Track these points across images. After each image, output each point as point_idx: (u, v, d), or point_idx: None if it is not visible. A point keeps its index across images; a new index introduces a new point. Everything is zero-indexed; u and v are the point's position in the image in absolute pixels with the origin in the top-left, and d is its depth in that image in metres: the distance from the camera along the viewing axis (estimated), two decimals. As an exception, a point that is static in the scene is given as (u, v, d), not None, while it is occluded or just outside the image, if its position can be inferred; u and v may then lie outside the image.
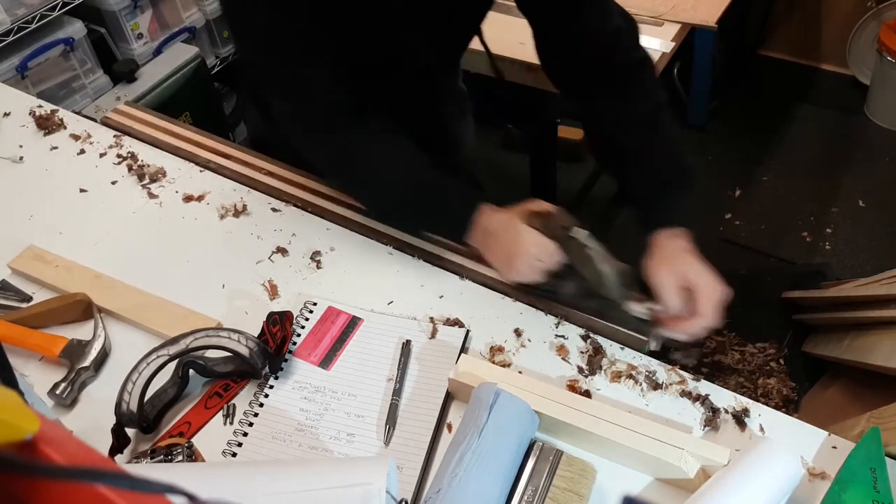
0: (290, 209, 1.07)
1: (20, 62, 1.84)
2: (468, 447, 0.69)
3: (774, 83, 2.75)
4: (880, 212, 2.19)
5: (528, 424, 0.73)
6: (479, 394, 0.74)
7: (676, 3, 1.52)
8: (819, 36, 2.70)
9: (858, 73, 2.63)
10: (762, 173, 2.37)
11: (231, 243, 1.02)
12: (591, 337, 0.87)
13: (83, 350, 0.86)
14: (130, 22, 2.06)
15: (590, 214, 2.27)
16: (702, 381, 0.82)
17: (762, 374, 1.72)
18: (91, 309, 0.92)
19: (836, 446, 0.75)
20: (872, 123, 2.50)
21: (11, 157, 1.19)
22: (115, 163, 1.16)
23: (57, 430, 0.35)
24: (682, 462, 0.70)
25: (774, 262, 2.09)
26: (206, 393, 0.84)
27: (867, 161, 2.37)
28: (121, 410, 0.76)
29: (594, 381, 0.82)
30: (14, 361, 0.81)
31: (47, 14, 1.84)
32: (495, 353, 0.85)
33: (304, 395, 0.82)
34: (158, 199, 1.10)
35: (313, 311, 0.91)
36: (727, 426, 0.77)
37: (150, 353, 0.80)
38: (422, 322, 0.89)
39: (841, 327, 1.63)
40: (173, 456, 0.72)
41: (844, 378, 1.56)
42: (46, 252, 1.00)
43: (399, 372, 0.83)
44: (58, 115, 1.26)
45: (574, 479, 0.71)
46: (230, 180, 1.12)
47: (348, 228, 1.03)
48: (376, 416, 0.80)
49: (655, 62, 1.36)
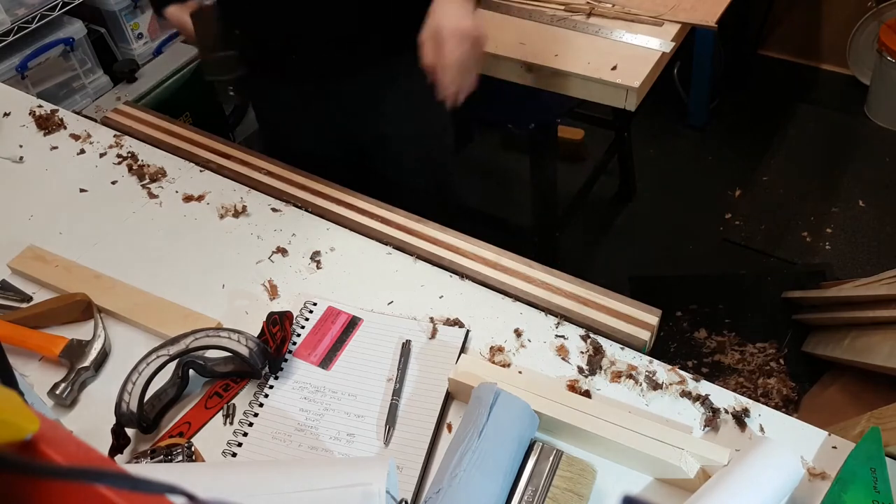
0: (290, 209, 1.07)
1: (20, 62, 1.84)
2: (468, 447, 0.69)
3: (774, 83, 2.75)
4: (880, 212, 2.19)
5: (528, 424, 0.73)
6: (479, 394, 0.74)
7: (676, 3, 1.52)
8: (819, 36, 2.70)
9: (858, 73, 2.63)
10: (762, 173, 2.37)
11: (231, 243, 1.02)
12: (591, 337, 0.87)
13: (83, 350, 0.86)
14: (130, 22, 2.06)
15: (590, 214, 2.28)
16: (702, 381, 0.82)
17: (762, 374, 1.72)
18: (91, 309, 0.92)
19: (836, 446, 0.75)
20: (872, 123, 2.50)
21: (11, 157, 1.19)
22: (115, 163, 1.16)
23: (57, 430, 0.35)
24: (682, 462, 0.70)
25: (774, 262, 2.09)
26: (206, 393, 0.84)
27: (867, 161, 2.37)
28: (121, 410, 0.76)
29: (594, 381, 0.82)
30: (14, 361, 0.81)
31: (47, 14, 1.84)
32: (495, 353, 0.85)
33: (304, 395, 0.82)
34: (158, 199, 1.10)
35: (313, 311, 0.91)
36: (727, 426, 0.77)
37: (150, 353, 0.79)
38: (422, 322, 0.89)
39: (841, 327, 1.63)
40: (173, 456, 0.72)
41: (844, 378, 1.56)
42: (46, 252, 1.00)
43: (399, 372, 0.83)
44: (58, 115, 1.26)
45: (574, 479, 0.71)
46: (230, 180, 1.12)
47: (348, 228, 1.03)
48: (376, 417, 0.80)
49: (655, 62, 1.37)
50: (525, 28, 1.50)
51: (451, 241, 1.00)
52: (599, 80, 1.35)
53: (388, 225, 1.03)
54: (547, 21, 1.51)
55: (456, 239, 1.00)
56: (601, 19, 1.50)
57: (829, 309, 1.72)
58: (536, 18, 1.51)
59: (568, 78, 1.40)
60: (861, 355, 1.47)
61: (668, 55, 1.41)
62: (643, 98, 1.38)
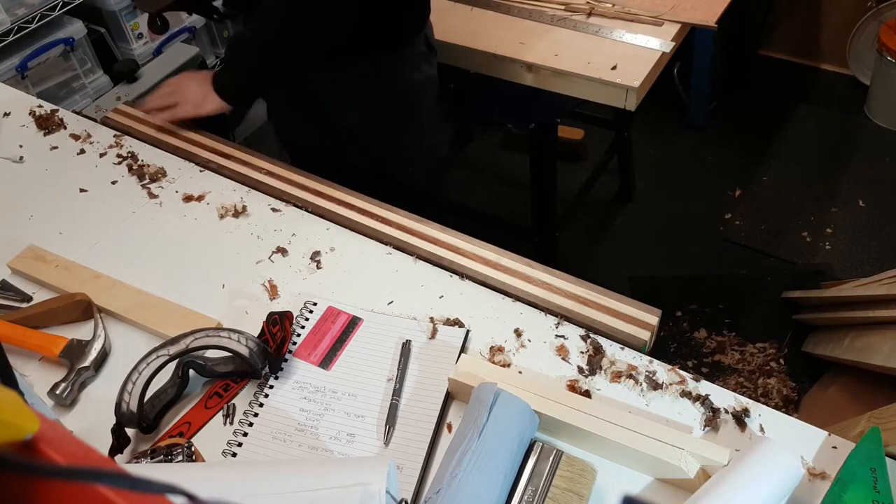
0: (290, 209, 1.07)
1: (20, 62, 1.84)
2: (468, 447, 0.69)
3: (774, 83, 2.75)
4: (880, 212, 2.19)
5: (528, 424, 0.73)
6: (479, 394, 0.74)
7: (676, 3, 1.52)
8: (819, 36, 2.70)
9: (858, 73, 2.63)
10: (762, 173, 2.37)
11: (231, 243, 1.02)
12: (591, 337, 0.87)
13: (83, 350, 0.86)
14: (130, 22, 2.06)
15: (590, 214, 2.28)
16: (702, 381, 0.82)
17: (762, 374, 1.72)
18: (91, 309, 0.92)
19: (836, 446, 0.75)
20: (872, 123, 2.50)
21: (11, 157, 1.19)
22: (115, 163, 1.16)
23: (57, 430, 0.35)
24: (682, 462, 0.70)
25: (774, 262, 2.09)
26: (206, 393, 0.84)
27: (867, 161, 2.37)
28: (121, 410, 0.76)
29: (594, 381, 0.82)
30: (14, 361, 0.81)
31: (47, 14, 1.84)
32: (495, 353, 0.85)
33: (304, 395, 0.82)
34: (158, 199, 1.10)
35: (313, 311, 0.91)
36: (727, 426, 0.77)
37: (150, 353, 0.79)
38: (422, 322, 0.89)
39: (841, 327, 1.63)
40: (173, 456, 0.72)
41: (844, 378, 1.56)
42: (46, 252, 1.00)
43: (399, 372, 0.83)
44: (58, 115, 1.26)
45: (574, 479, 0.71)
46: (230, 180, 1.12)
47: (348, 228, 1.03)
48: (376, 417, 0.80)
49: (655, 62, 1.37)
50: (525, 28, 1.50)
51: (451, 241, 1.00)
52: (599, 80, 1.35)
53: (387, 225, 1.03)
54: (547, 21, 1.51)
55: (456, 239, 1.00)
56: (601, 19, 1.50)
57: (829, 309, 1.72)
58: (536, 18, 1.52)
59: (568, 78, 1.40)
60: (861, 355, 1.47)
61: (668, 55, 1.41)
62: (643, 98, 1.38)
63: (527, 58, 1.42)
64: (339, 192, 1.09)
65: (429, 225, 1.03)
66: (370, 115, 1.25)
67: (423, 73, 1.25)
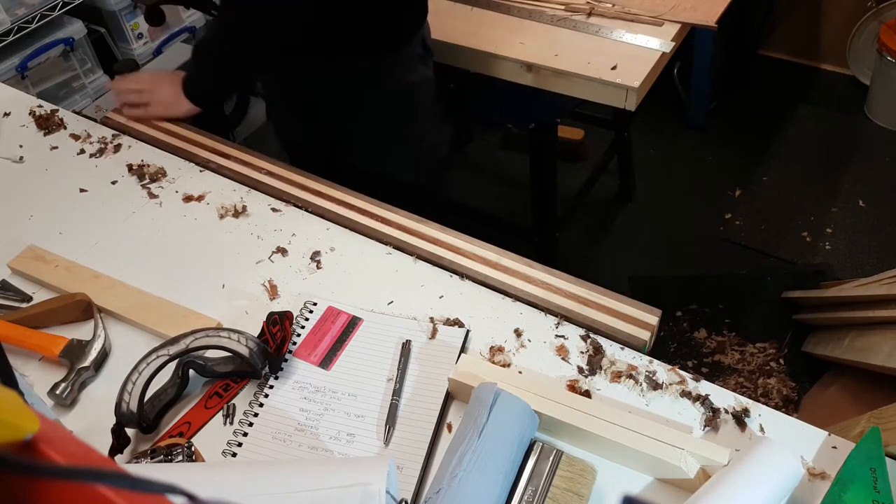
0: (290, 209, 1.07)
1: (20, 62, 1.84)
2: (468, 447, 0.69)
3: (774, 83, 2.75)
4: (880, 212, 2.19)
5: (528, 424, 0.73)
6: (479, 394, 0.74)
7: (676, 3, 1.52)
8: (819, 36, 2.70)
9: (858, 73, 2.63)
10: (762, 173, 2.37)
11: (231, 243, 1.02)
12: (591, 337, 0.87)
13: (83, 350, 0.86)
14: (130, 22, 2.06)
15: (590, 214, 2.28)
16: (702, 381, 0.82)
17: (762, 374, 1.72)
18: (91, 309, 0.92)
19: (836, 446, 0.75)
20: (872, 123, 2.50)
21: (11, 157, 1.19)
22: (115, 163, 1.16)
23: (57, 430, 0.35)
24: (682, 462, 0.70)
25: (774, 262, 2.09)
26: (206, 393, 0.84)
27: (867, 161, 2.37)
28: (121, 410, 0.76)
29: (594, 381, 0.82)
30: (14, 361, 0.81)
31: (47, 14, 1.84)
32: (495, 353, 0.85)
33: (304, 395, 0.82)
34: (158, 199, 1.10)
35: (313, 311, 0.91)
36: (727, 426, 0.77)
37: (150, 353, 0.79)
38: (422, 322, 0.89)
39: (841, 327, 1.63)
40: (173, 456, 0.72)
41: (844, 378, 1.56)
42: (46, 252, 1.00)
43: (399, 372, 0.83)
44: (58, 115, 1.26)
45: (574, 479, 0.71)
46: (230, 180, 1.12)
47: (348, 228, 1.03)
48: (376, 417, 0.80)
49: (655, 62, 1.37)
50: (525, 28, 1.50)
51: (451, 241, 1.00)
52: (599, 80, 1.35)
53: (387, 225, 1.03)
54: (547, 21, 1.51)
55: (456, 239, 1.00)
56: (601, 19, 1.50)
57: (829, 309, 1.72)
58: (536, 18, 1.52)
59: (568, 78, 1.40)
60: (861, 355, 1.47)
61: (668, 55, 1.41)
62: (643, 98, 1.38)
63: (527, 58, 1.42)
64: (339, 192, 1.09)
65: (429, 225, 1.03)
66: (367, 115, 1.26)
67: (419, 74, 1.25)
